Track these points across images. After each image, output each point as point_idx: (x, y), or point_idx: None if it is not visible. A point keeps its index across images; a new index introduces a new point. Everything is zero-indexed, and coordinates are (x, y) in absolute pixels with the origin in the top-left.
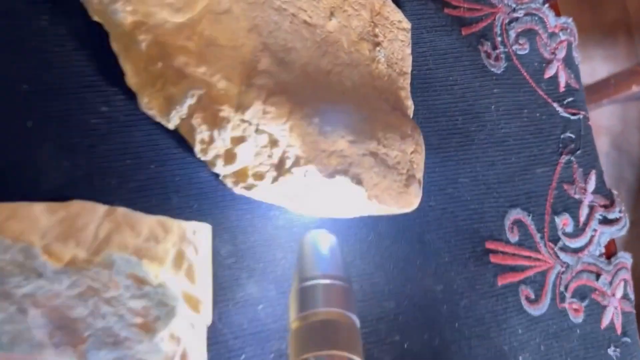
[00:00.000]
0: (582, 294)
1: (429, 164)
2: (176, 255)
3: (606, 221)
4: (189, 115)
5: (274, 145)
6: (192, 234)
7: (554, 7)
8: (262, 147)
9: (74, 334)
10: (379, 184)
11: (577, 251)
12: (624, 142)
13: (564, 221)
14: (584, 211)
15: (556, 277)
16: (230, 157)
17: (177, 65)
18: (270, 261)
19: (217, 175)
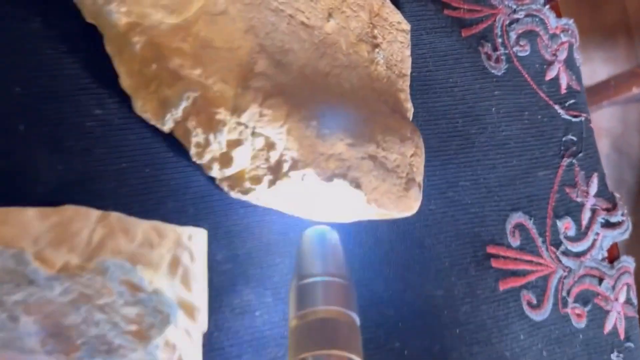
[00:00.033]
0: (584, 299)
1: (428, 167)
2: (171, 261)
3: (608, 225)
4: (184, 118)
5: (271, 148)
6: (187, 239)
7: (555, 8)
8: (259, 150)
9: (67, 341)
10: (378, 187)
11: (579, 255)
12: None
13: (566, 225)
14: (586, 215)
15: (558, 282)
16: (226, 161)
17: (172, 67)
18: (267, 267)
19: (213, 179)
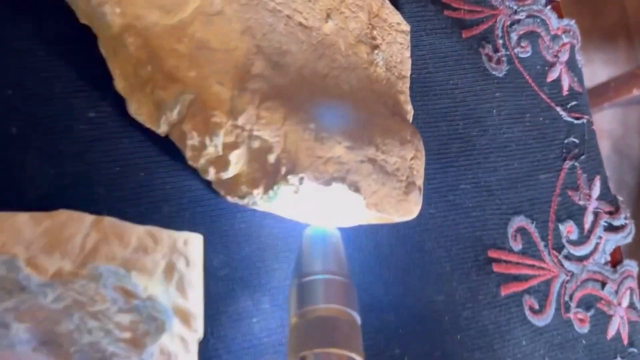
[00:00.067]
0: (587, 304)
1: (429, 170)
2: (166, 266)
3: (611, 228)
4: (180, 120)
5: (269, 151)
6: (183, 244)
7: (557, 9)
8: (256, 153)
9: (59, 349)
10: (377, 191)
11: (582, 259)
12: (624, 146)
13: (569, 228)
14: (589, 218)
15: (561, 287)
16: (222, 164)
17: (167, 68)
18: (265, 272)
19: (209, 183)
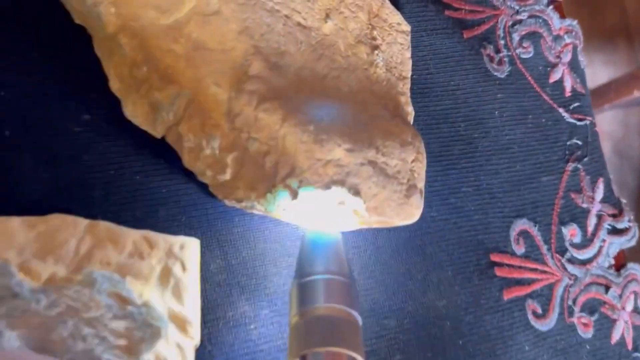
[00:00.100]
0: (591, 308)
1: (430, 173)
2: (162, 272)
3: (615, 231)
4: (176, 122)
5: (267, 154)
6: (179, 249)
7: (559, 9)
8: (254, 156)
9: (53, 357)
10: (378, 194)
11: (585, 263)
12: (625, 147)
13: (572, 231)
14: (592, 221)
15: (564, 291)
16: (220, 167)
17: (163, 69)
18: (263, 277)
19: (206, 186)
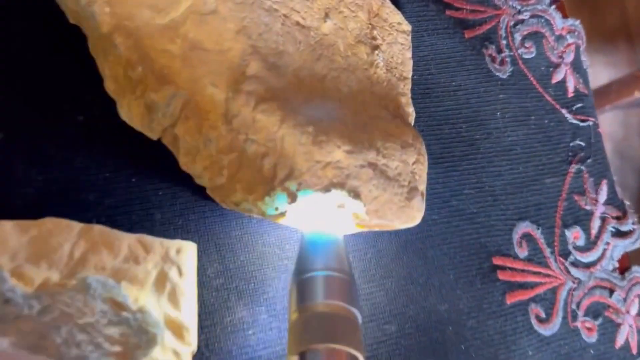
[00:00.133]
0: (595, 312)
1: (431, 175)
2: (158, 276)
3: (619, 234)
4: (172, 124)
5: (265, 156)
6: (175, 253)
7: (561, 9)
8: (252, 158)
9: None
10: (378, 197)
11: (589, 266)
12: (626, 148)
13: (575, 234)
14: (596, 223)
15: (567, 294)
16: (217, 169)
17: (159, 70)
18: (261, 281)
19: (203, 189)
